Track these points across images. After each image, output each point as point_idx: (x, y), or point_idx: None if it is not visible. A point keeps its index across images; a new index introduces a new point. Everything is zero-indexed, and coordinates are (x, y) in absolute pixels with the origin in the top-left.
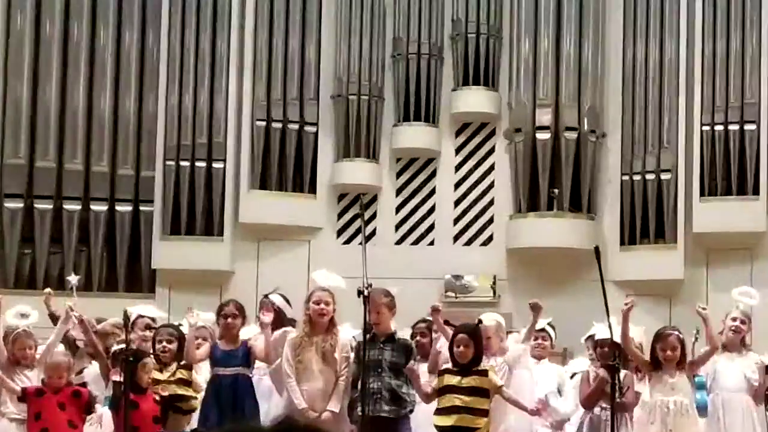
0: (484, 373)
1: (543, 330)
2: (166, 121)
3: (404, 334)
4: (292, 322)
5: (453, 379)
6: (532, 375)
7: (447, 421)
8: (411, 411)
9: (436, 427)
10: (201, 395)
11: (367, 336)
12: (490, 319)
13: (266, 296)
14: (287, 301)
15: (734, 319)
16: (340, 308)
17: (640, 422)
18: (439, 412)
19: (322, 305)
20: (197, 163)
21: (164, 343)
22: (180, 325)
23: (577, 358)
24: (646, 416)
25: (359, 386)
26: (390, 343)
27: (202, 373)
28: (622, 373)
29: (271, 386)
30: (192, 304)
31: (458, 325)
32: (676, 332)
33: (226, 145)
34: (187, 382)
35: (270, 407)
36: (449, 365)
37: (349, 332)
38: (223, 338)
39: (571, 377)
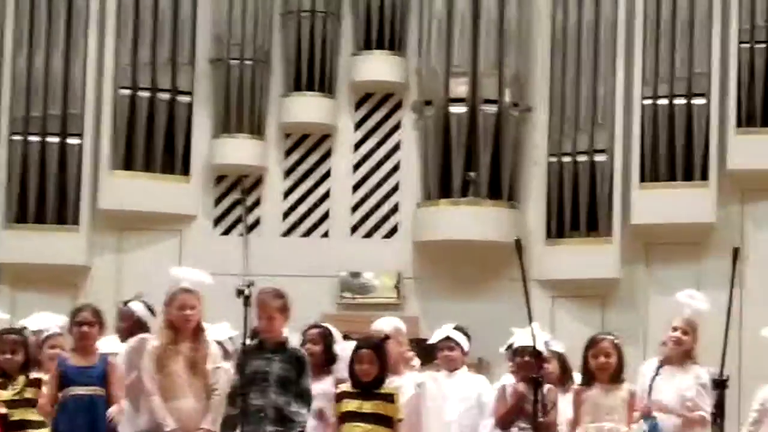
0: (390, 398)
1: (449, 338)
2: (12, 89)
3: (293, 339)
4: None
5: (352, 404)
6: (443, 395)
7: None
8: None
9: None
10: None
11: (253, 343)
12: (387, 324)
13: (125, 303)
14: (151, 309)
15: (675, 329)
16: (214, 307)
17: None
18: None
19: (188, 311)
20: (49, 139)
21: (7, 354)
22: (24, 328)
23: (506, 374)
24: None
25: (239, 403)
26: (279, 354)
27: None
28: (545, 387)
29: None
30: (40, 305)
31: (360, 339)
32: (611, 337)
33: (84, 117)
34: (36, 404)
35: None
36: (347, 386)
37: (225, 333)
38: (76, 350)
39: None
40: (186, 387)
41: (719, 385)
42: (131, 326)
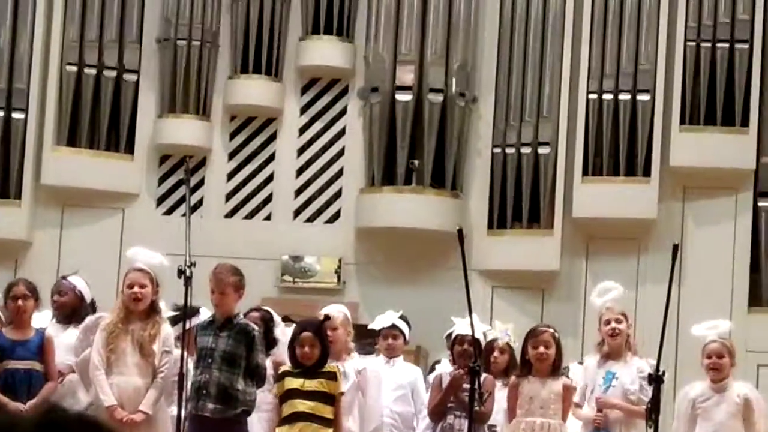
0: (332, 376)
1: (394, 327)
2: None
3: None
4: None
5: (295, 382)
6: (380, 382)
7: (290, 431)
8: (246, 413)
9: None
10: None
11: (206, 320)
12: (336, 311)
13: (64, 278)
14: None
15: (608, 322)
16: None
17: None
18: (282, 421)
19: (136, 289)
20: None
21: None
22: None
23: (443, 361)
24: None
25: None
26: (227, 330)
27: None
28: (482, 376)
29: None
30: None
31: (300, 322)
32: (552, 329)
33: (29, 92)
34: None
35: None
36: (288, 366)
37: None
38: (12, 324)
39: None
40: (131, 365)
41: (655, 379)
42: (72, 299)
